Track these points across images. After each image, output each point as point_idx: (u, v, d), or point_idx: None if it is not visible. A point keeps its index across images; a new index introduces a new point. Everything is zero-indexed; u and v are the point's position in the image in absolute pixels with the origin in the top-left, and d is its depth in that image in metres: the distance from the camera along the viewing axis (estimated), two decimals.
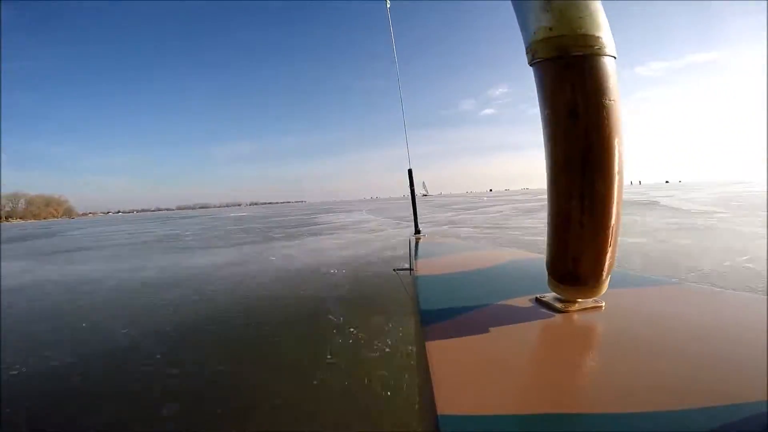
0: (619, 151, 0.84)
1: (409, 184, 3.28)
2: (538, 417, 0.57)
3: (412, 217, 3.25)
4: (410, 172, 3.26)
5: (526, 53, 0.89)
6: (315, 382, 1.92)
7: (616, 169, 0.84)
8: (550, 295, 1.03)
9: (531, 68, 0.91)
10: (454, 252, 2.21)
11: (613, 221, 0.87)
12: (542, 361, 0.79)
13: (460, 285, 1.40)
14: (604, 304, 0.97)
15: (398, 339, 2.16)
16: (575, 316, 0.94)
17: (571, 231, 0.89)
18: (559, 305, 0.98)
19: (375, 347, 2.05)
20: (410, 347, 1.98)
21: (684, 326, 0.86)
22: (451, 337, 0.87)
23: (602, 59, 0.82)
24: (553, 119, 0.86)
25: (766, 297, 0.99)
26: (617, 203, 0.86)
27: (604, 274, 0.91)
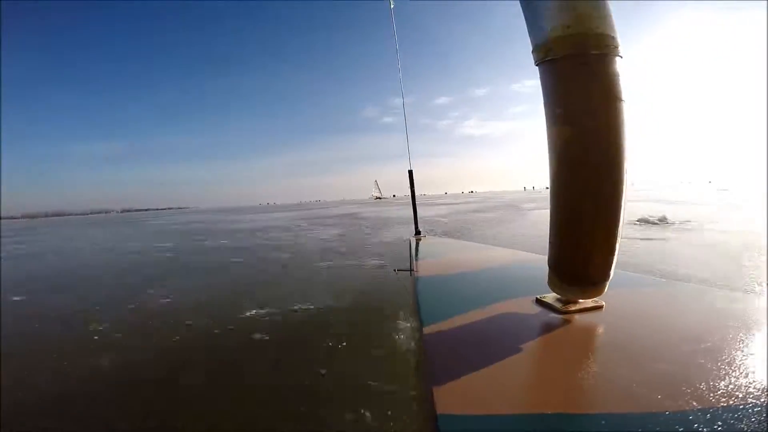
0: (626, 151, 0.84)
1: (409, 184, 3.30)
2: (538, 417, 0.57)
3: (413, 217, 3.27)
4: (410, 173, 3.28)
5: (536, 51, 0.88)
6: None
7: (625, 168, 0.84)
8: (550, 296, 1.03)
9: (538, 67, 0.90)
10: (454, 252, 2.21)
11: (620, 221, 0.87)
12: (542, 362, 0.78)
13: (460, 285, 1.40)
14: (603, 304, 0.97)
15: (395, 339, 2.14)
16: (575, 317, 0.94)
17: (583, 231, 0.88)
18: (559, 306, 0.98)
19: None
20: (409, 347, 1.97)
21: (683, 326, 0.86)
22: (451, 337, 0.87)
23: (615, 59, 0.82)
24: (567, 117, 0.84)
25: (765, 297, 0.99)
26: (624, 203, 0.86)
27: (612, 274, 0.91)
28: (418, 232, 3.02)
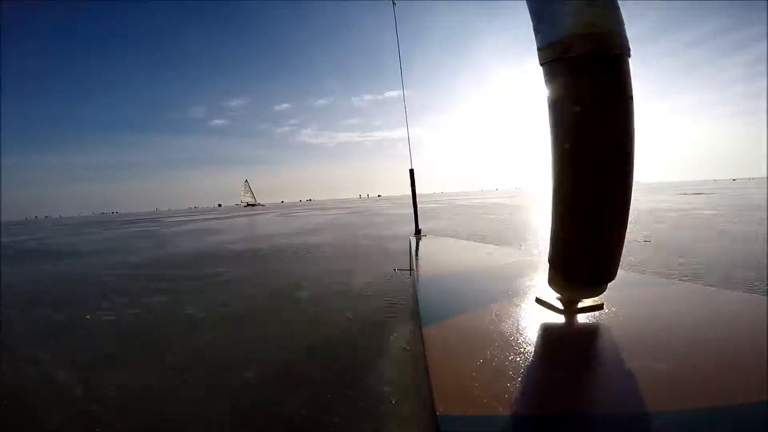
0: (635, 150, 0.84)
1: (410, 184, 3.32)
2: (538, 418, 0.57)
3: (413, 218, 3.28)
4: (411, 172, 3.30)
5: (547, 49, 0.87)
6: None
7: (634, 167, 0.84)
8: (550, 296, 1.03)
9: (544, 66, 0.89)
10: (454, 252, 2.21)
11: (628, 219, 0.87)
12: (542, 362, 0.78)
13: (460, 285, 1.40)
14: (603, 303, 0.97)
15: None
16: (576, 316, 0.94)
17: (593, 230, 0.87)
18: (560, 305, 0.97)
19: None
20: (409, 347, 1.97)
21: (684, 326, 0.86)
22: (451, 337, 0.87)
23: (628, 59, 0.82)
24: (584, 116, 0.84)
25: (765, 297, 0.99)
26: (630, 202, 0.86)
27: (617, 272, 0.91)
28: (418, 231, 3.02)
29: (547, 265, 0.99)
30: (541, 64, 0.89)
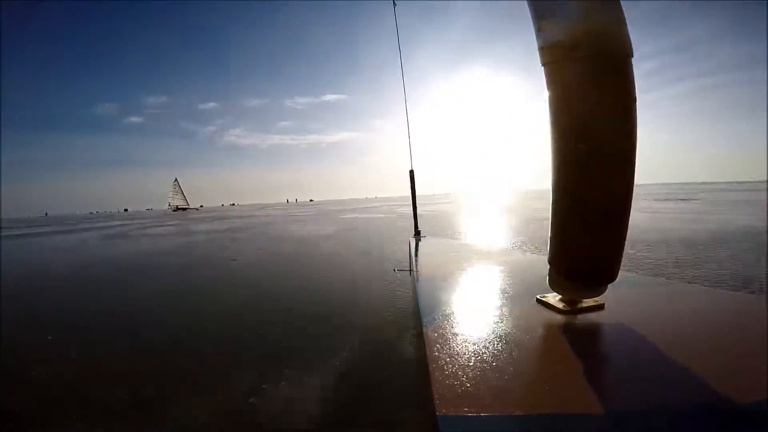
0: (637, 151, 0.85)
1: (410, 185, 3.32)
2: (538, 417, 0.57)
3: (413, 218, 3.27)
4: (412, 173, 3.29)
5: (551, 49, 0.86)
6: None
7: (635, 167, 0.85)
8: (551, 296, 1.03)
9: (545, 67, 0.88)
10: (454, 252, 2.20)
11: (629, 220, 0.87)
12: (542, 362, 0.78)
13: (460, 285, 1.40)
14: (604, 303, 0.97)
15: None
16: (576, 317, 0.94)
17: (595, 230, 0.87)
18: (560, 305, 0.97)
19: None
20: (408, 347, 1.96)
21: (684, 326, 0.86)
22: (451, 337, 0.87)
23: (631, 60, 0.83)
24: (589, 116, 0.84)
25: (765, 297, 0.99)
26: (631, 202, 0.87)
27: (618, 273, 0.91)
28: (417, 233, 3.02)
29: (548, 265, 0.99)
30: (543, 64, 0.88)
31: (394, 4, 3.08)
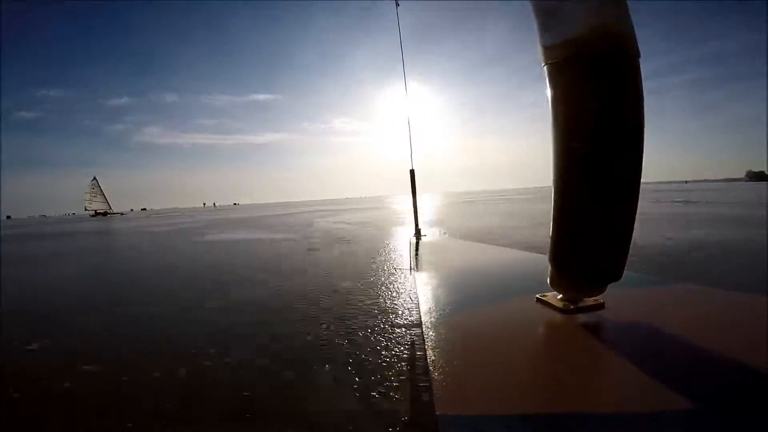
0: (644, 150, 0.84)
1: (411, 185, 3.32)
2: (538, 417, 0.57)
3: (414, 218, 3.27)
4: (412, 172, 3.29)
5: (556, 49, 0.85)
6: None
7: (642, 166, 0.84)
8: (551, 295, 1.02)
9: (548, 66, 0.88)
10: (454, 252, 2.20)
11: (634, 220, 0.87)
12: (542, 361, 0.78)
13: (460, 285, 1.40)
14: (604, 302, 0.96)
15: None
16: (576, 316, 0.93)
17: (600, 230, 0.87)
18: (560, 304, 0.97)
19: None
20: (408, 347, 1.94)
21: (683, 326, 0.86)
22: (451, 337, 0.87)
23: (638, 59, 0.83)
24: (597, 115, 0.83)
25: (765, 297, 0.99)
26: (638, 202, 0.86)
27: (623, 272, 0.90)
28: (418, 232, 3.02)
29: (548, 265, 0.98)
30: (547, 64, 0.88)
31: (397, 4, 3.09)
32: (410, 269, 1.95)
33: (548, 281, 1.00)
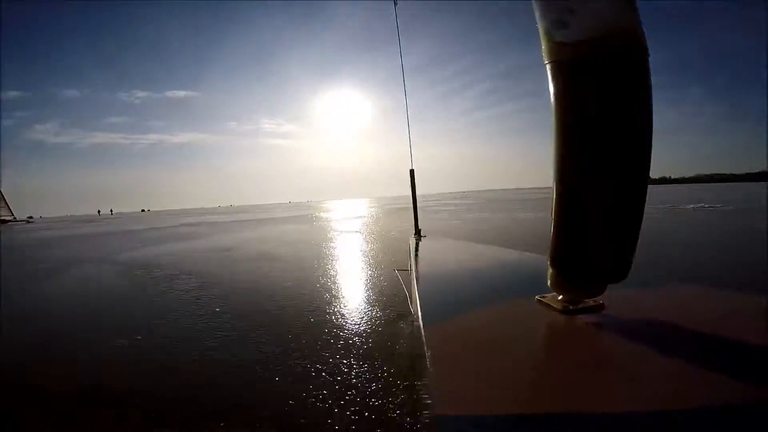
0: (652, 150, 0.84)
1: (411, 184, 3.32)
2: (538, 418, 0.57)
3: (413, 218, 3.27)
4: (412, 172, 3.30)
5: (562, 48, 0.85)
6: None
7: (650, 165, 0.84)
8: (551, 296, 1.02)
9: (551, 65, 0.87)
10: (454, 252, 2.21)
11: (641, 220, 0.87)
12: (543, 362, 0.78)
13: (460, 285, 1.40)
14: (604, 303, 0.96)
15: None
16: (577, 317, 0.94)
17: (605, 230, 0.87)
18: (560, 305, 0.97)
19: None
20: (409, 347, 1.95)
21: (683, 326, 0.86)
22: (451, 337, 0.87)
23: (647, 58, 0.82)
24: (611, 114, 0.83)
25: (765, 298, 0.99)
26: (645, 201, 0.86)
27: (628, 273, 0.90)
28: (418, 232, 3.02)
29: (548, 265, 0.98)
30: (550, 62, 0.87)
31: (395, 3, 3.09)
32: (410, 269, 1.95)
33: (548, 283, 0.99)
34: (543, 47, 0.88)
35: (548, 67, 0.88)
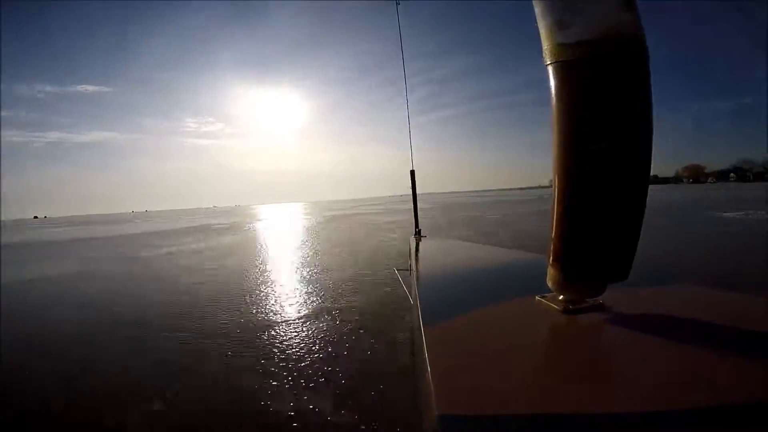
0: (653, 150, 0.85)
1: (411, 184, 3.33)
2: (539, 417, 0.57)
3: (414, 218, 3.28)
4: (413, 173, 3.31)
5: (563, 49, 0.85)
6: None
7: (651, 164, 0.85)
8: (551, 295, 1.02)
9: (552, 66, 0.87)
10: (454, 252, 2.21)
11: (642, 219, 0.87)
12: (543, 362, 0.78)
13: (460, 285, 1.40)
14: (603, 303, 0.97)
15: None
16: (577, 316, 0.94)
17: (606, 229, 0.87)
18: (560, 305, 0.97)
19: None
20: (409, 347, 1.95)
21: (684, 326, 0.86)
22: (451, 337, 0.87)
23: (648, 59, 0.83)
24: (613, 115, 0.83)
25: (766, 297, 0.99)
26: (646, 201, 0.87)
27: (629, 272, 0.91)
28: (418, 232, 3.02)
29: (548, 264, 0.99)
30: (551, 63, 0.87)
31: (397, 3, 3.09)
32: (410, 269, 1.95)
33: (548, 283, 0.99)
34: (543, 48, 0.89)
35: (549, 68, 0.88)
